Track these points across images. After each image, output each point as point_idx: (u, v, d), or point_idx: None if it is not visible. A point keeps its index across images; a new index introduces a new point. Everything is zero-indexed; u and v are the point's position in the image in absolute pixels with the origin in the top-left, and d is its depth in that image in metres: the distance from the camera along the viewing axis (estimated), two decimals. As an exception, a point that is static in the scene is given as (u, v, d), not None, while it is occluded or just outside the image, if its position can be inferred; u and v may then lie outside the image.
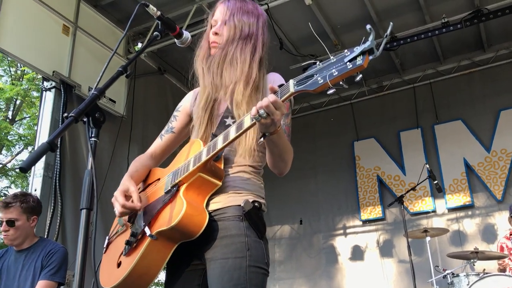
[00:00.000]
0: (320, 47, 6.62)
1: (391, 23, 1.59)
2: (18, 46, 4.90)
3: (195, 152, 1.86)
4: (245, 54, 2.03)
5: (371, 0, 6.00)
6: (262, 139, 1.70)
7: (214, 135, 1.90)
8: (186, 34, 2.06)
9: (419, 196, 6.93)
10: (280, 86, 1.98)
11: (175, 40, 2.07)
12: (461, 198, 6.69)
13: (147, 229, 1.79)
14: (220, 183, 1.85)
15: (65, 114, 1.42)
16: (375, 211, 7.19)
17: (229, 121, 1.95)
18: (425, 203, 6.90)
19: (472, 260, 4.86)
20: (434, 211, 6.83)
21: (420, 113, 7.29)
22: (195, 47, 2.18)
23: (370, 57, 1.42)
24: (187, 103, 2.23)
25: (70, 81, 5.34)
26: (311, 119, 8.19)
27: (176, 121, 2.21)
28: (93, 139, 1.47)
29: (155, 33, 1.92)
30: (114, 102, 5.89)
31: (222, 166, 1.88)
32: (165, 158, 2.24)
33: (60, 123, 5.21)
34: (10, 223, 3.47)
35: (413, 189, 5.83)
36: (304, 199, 7.73)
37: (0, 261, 3.57)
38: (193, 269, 1.88)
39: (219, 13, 2.15)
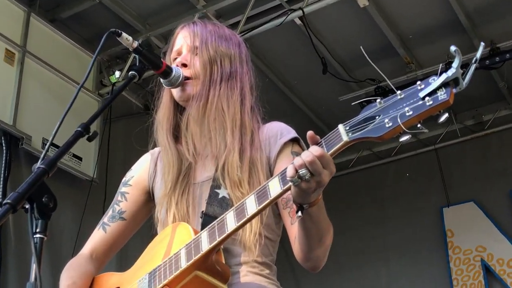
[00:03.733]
0: (385, 67, 6.68)
1: (482, 44, 1.64)
2: None
3: (183, 239, 1.89)
4: (233, 105, 2.12)
5: (459, -2, 6.07)
6: (300, 213, 1.72)
7: (206, 215, 1.95)
8: (177, 72, 2.13)
9: (549, 291, 6.74)
10: (294, 139, 2.05)
11: (161, 80, 2.15)
12: None
13: None
14: (225, 287, 1.88)
15: (-1, 200, 1.48)
16: (480, 315, 7.01)
17: (223, 192, 2.01)
18: (559, 302, 6.71)
19: None
20: None
21: (544, 161, 7.21)
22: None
23: (455, 90, 1.49)
24: (143, 173, 2.29)
25: (16, 131, 5.48)
26: (377, 175, 8.18)
27: (126, 201, 2.26)
28: (38, 235, 1.50)
29: (131, 72, 2.00)
30: (80, 159, 6.00)
31: (223, 261, 1.92)
32: (111, 257, 2.27)
33: (0, 190, 5.32)
34: None
35: (538, 281, 5.69)
36: (370, 297, 7.62)
37: None
38: None
39: (183, 39, 2.25)
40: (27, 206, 1.54)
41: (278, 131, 2.12)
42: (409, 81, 6.67)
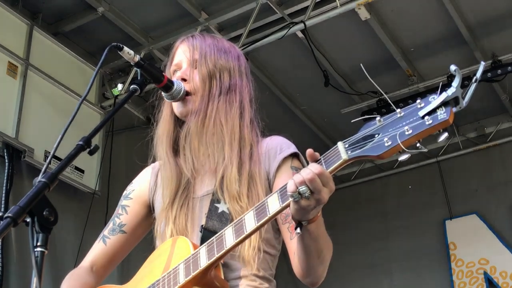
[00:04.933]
0: (387, 80, 6.69)
1: (482, 63, 1.64)
2: None
3: (182, 254, 1.89)
4: (232, 119, 2.12)
5: (460, 11, 6.06)
6: (299, 230, 1.73)
7: (206, 229, 1.95)
8: (178, 85, 2.14)
9: (553, 304, 6.71)
10: (293, 154, 2.05)
11: (163, 93, 2.16)
12: None
13: None
14: None
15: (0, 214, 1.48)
16: (483, 329, 6.98)
17: (222, 207, 2.00)
18: (563, 316, 6.68)
19: None
20: None
21: (546, 173, 7.20)
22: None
23: (454, 109, 1.48)
24: (143, 187, 2.29)
25: (18, 144, 5.48)
26: (379, 188, 8.17)
27: (126, 214, 2.26)
28: (39, 249, 1.50)
29: (133, 86, 2.00)
30: (82, 172, 6.00)
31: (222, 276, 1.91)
32: (111, 270, 2.27)
33: (3, 203, 5.31)
34: None
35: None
36: (373, 311, 7.59)
37: None
38: None
39: (182, 53, 2.26)
40: (28, 220, 1.54)
41: (278, 146, 2.11)
42: (411, 94, 6.69)
